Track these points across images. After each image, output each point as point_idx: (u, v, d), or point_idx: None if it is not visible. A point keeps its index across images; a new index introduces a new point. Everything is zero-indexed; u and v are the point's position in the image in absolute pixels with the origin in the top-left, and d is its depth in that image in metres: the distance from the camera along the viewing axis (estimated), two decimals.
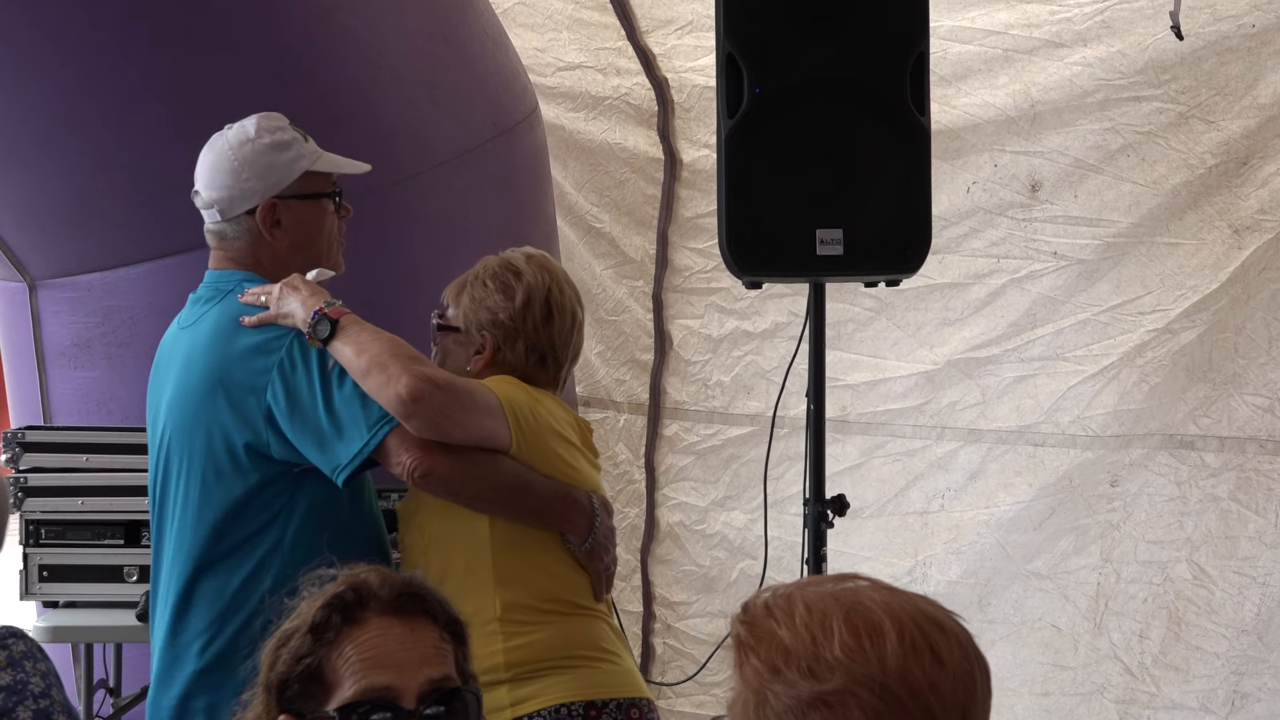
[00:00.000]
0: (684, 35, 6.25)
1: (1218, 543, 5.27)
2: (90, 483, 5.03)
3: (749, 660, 1.87)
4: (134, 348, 5.37)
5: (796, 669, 1.82)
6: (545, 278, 3.74)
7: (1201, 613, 5.29)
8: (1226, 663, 5.26)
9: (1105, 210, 5.49)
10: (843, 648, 1.82)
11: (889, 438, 5.96)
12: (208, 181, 3.78)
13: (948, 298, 5.81)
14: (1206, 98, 5.30)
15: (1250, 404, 5.18)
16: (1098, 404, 5.50)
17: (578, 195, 6.63)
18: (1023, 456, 5.67)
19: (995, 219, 5.70)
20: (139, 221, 5.30)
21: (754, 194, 4.50)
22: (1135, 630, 5.40)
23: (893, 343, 5.95)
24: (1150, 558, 5.38)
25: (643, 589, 6.68)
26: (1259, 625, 5.20)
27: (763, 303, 6.21)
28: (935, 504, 5.86)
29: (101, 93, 5.09)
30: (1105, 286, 5.50)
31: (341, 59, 5.36)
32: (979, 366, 5.75)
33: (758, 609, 1.89)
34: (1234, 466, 5.24)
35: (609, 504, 3.72)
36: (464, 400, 3.39)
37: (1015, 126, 5.63)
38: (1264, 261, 5.20)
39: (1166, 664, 5.35)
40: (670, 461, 6.62)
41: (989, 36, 5.64)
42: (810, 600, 1.87)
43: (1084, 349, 5.54)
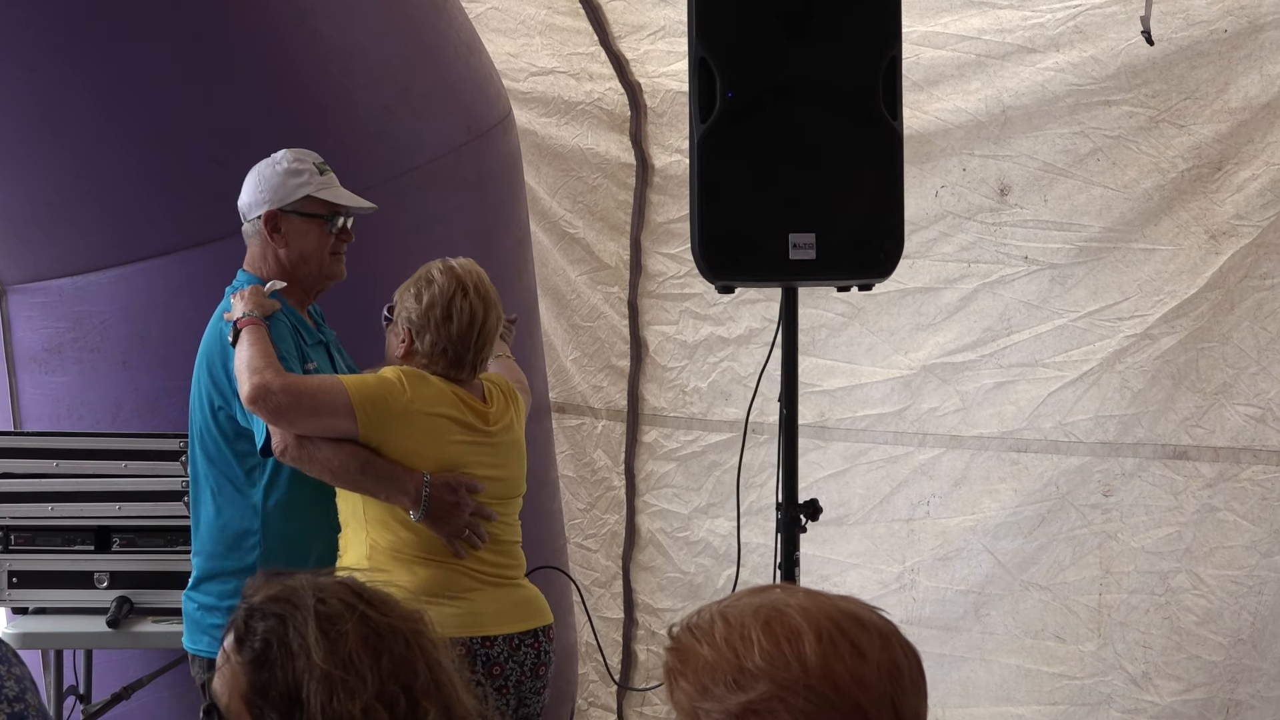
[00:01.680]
0: (657, 40, 6.25)
1: (1215, 553, 5.28)
2: (61, 488, 5.02)
3: (679, 684, 1.88)
4: (105, 353, 5.35)
5: (723, 684, 1.84)
6: (452, 285, 4.36)
7: (1201, 622, 5.30)
8: (1224, 671, 5.26)
9: (1075, 214, 5.49)
10: (763, 655, 1.84)
11: (871, 444, 5.96)
12: (243, 191, 4.61)
13: (919, 302, 5.80)
14: (1177, 102, 5.30)
15: (1242, 414, 5.19)
16: (1079, 410, 5.50)
17: (551, 201, 6.62)
18: (1006, 463, 5.67)
19: (965, 223, 5.70)
20: (110, 226, 5.29)
21: (726, 198, 4.49)
22: (1139, 641, 5.42)
23: (867, 348, 5.95)
24: (1150, 568, 5.39)
25: (624, 595, 6.67)
26: (1254, 634, 5.21)
27: (737, 308, 6.20)
28: (920, 510, 5.86)
29: (73, 98, 5.08)
30: (1082, 292, 5.50)
31: (315, 64, 5.36)
32: (957, 372, 5.75)
33: (682, 634, 1.91)
34: (1229, 477, 5.24)
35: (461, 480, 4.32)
36: (303, 402, 4.22)
37: (985, 131, 5.63)
38: (1244, 269, 5.21)
39: (1169, 674, 5.36)
40: (650, 468, 6.61)
41: (962, 42, 5.64)
42: (729, 615, 1.89)
43: (1063, 355, 5.53)
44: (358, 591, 2.43)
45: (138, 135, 5.16)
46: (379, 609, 2.41)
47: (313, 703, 2.33)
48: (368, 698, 2.33)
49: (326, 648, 2.35)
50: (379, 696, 2.34)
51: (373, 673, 2.34)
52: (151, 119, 5.15)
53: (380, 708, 2.33)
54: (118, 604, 4.92)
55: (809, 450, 5.94)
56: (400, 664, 2.37)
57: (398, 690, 2.35)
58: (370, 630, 2.38)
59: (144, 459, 5.06)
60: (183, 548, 4.98)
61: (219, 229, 5.25)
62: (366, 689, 2.34)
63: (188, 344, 5.24)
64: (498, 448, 4.42)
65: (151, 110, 5.14)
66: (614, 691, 6.64)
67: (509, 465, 4.47)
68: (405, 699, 2.35)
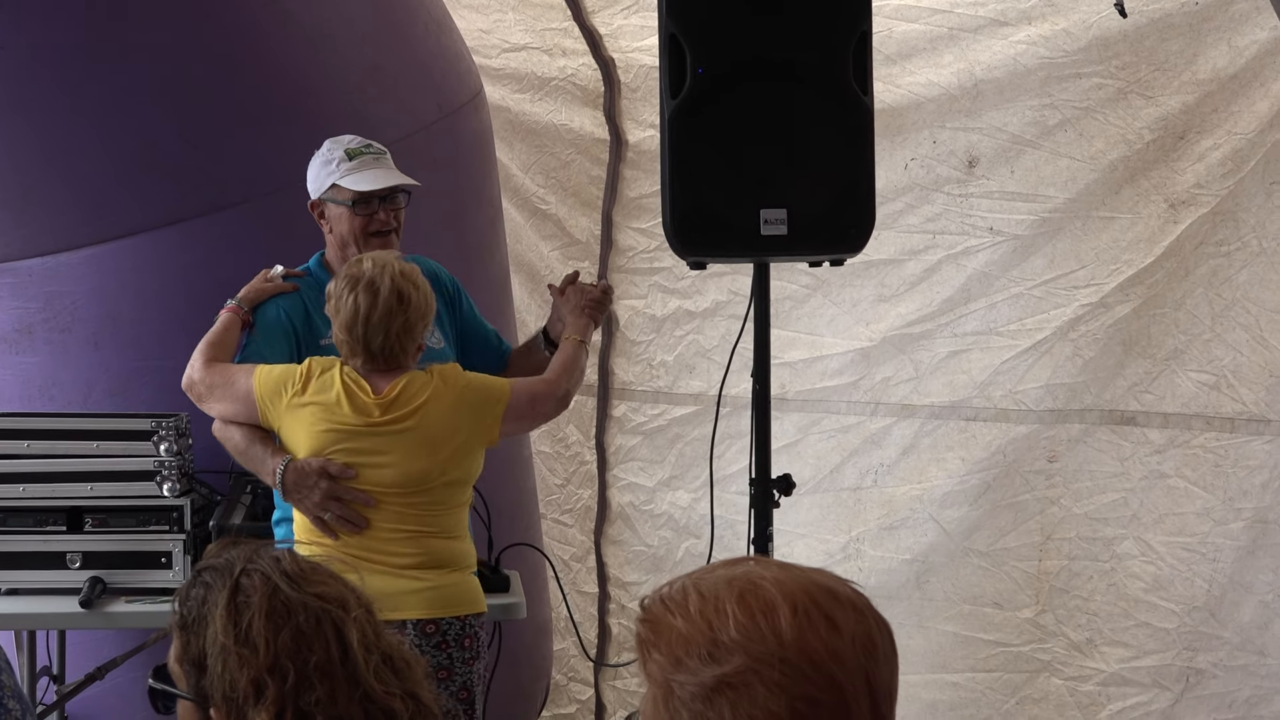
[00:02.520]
0: (630, 15, 6.24)
1: (1165, 519, 5.27)
2: (32, 469, 5.00)
3: (651, 656, 1.87)
4: (76, 333, 5.34)
5: (697, 656, 1.83)
6: (345, 279, 4.43)
7: (1149, 589, 5.29)
8: (1178, 639, 5.26)
9: (1042, 186, 5.49)
10: (738, 628, 1.83)
11: (824, 414, 5.95)
12: None
13: (883, 274, 5.80)
14: (1146, 73, 5.30)
15: (1194, 380, 5.19)
16: (1030, 378, 5.50)
17: (524, 177, 6.61)
18: (955, 431, 5.67)
19: (931, 195, 5.70)
20: (80, 207, 5.27)
21: (698, 174, 4.49)
22: (1080, 607, 5.42)
23: (829, 320, 5.95)
24: (1094, 534, 5.38)
25: (597, 570, 6.68)
26: (1211, 602, 5.20)
27: (704, 281, 6.20)
28: (868, 480, 5.86)
29: (42, 76, 5.06)
30: (1039, 261, 5.50)
31: (284, 42, 5.34)
32: (912, 342, 5.75)
33: (655, 605, 1.90)
34: (1180, 443, 5.23)
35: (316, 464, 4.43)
36: (216, 390, 4.54)
37: (957, 104, 5.63)
38: (1200, 236, 5.21)
39: (1116, 641, 5.36)
40: (620, 442, 6.62)
41: (934, 15, 5.63)
42: (703, 587, 1.88)
43: (1017, 323, 5.53)
44: (285, 566, 2.48)
45: (107, 115, 5.14)
46: (297, 585, 2.45)
47: (212, 669, 2.41)
48: (258, 670, 2.38)
49: (229, 618, 2.42)
50: (270, 670, 2.38)
51: (268, 646, 2.39)
52: (121, 99, 5.13)
53: (270, 681, 2.38)
54: (90, 584, 4.91)
55: None
56: (301, 640, 2.40)
57: (290, 665, 2.39)
58: (277, 605, 2.42)
59: (116, 439, 5.03)
60: (155, 528, 4.97)
61: (189, 209, 5.24)
62: (258, 661, 2.39)
63: (158, 324, 5.25)
64: (384, 437, 4.44)
65: (121, 90, 5.12)
66: (591, 666, 6.66)
67: (401, 455, 4.46)
68: (295, 674, 2.38)
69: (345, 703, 2.41)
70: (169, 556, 4.95)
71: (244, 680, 2.38)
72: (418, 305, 4.43)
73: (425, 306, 4.45)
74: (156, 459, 4.95)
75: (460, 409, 4.49)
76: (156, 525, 4.99)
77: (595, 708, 6.72)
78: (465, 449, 4.51)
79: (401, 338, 4.42)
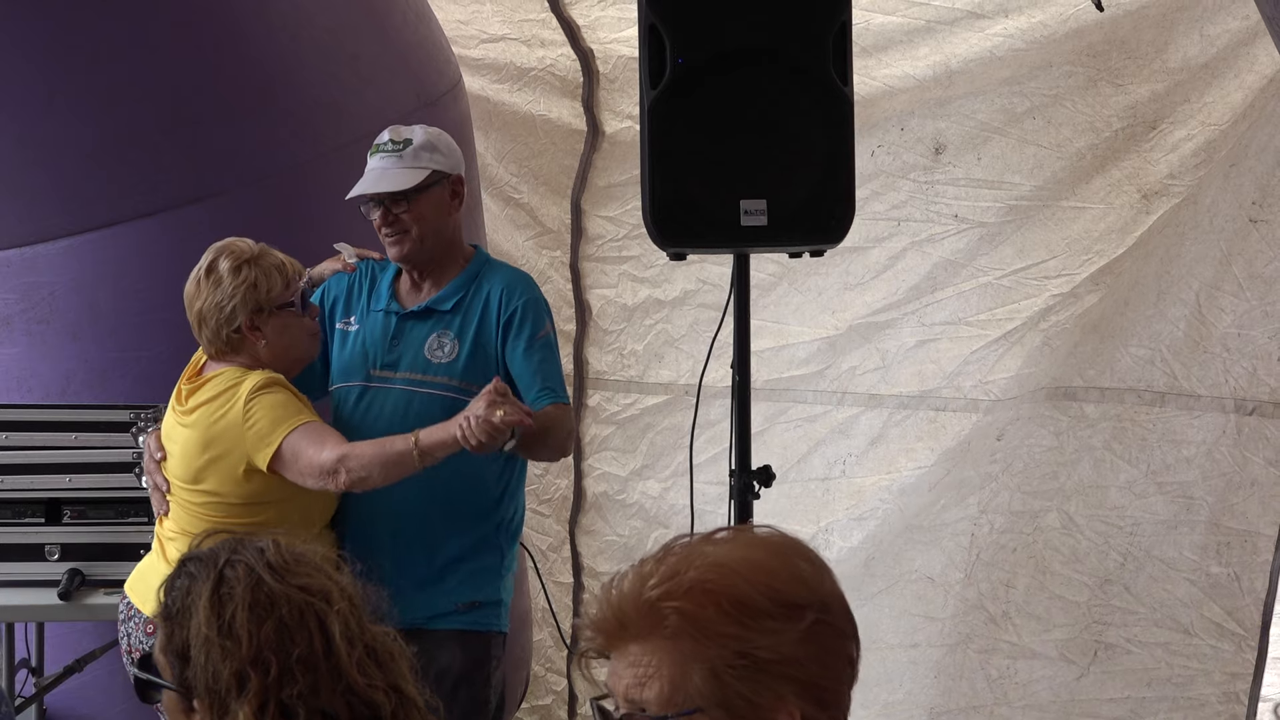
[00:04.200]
0: (608, 6, 6.23)
1: (1088, 492, 5.20)
2: (10, 461, 4.99)
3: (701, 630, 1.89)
4: (54, 324, 5.32)
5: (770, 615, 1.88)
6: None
7: (1066, 561, 5.22)
8: (1088, 612, 5.20)
9: (1007, 173, 5.48)
10: (797, 583, 1.91)
11: (791, 404, 5.94)
12: None
13: (849, 261, 5.78)
14: (1117, 61, 5.30)
15: (1133, 355, 5.12)
16: (1000, 368, 5.49)
17: (498, 166, 6.61)
18: (924, 421, 5.65)
19: (897, 182, 5.69)
20: (58, 196, 5.26)
21: (677, 165, 4.49)
22: (1002, 580, 5.35)
23: (795, 308, 5.93)
24: (1023, 508, 5.31)
25: (572, 560, 6.69)
26: (1125, 575, 5.15)
27: (672, 270, 6.19)
28: (836, 470, 5.85)
29: (19, 65, 5.04)
30: (1008, 250, 5.49)
31: (263, 32, 5.33)
32: (879, 331, 5.73)
33: (681, 582, 1.91)
34: (1111, 417, 5.18)
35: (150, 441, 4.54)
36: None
37: (929, 93, 5.63)
38: (1165, 220, 5.21)
39: (1029, 613, 5.28)
40: (594, 432, 6.63)
41: (911, 7, 5.63)
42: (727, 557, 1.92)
43: (987, 313, 5.52)
44: (269, 558, 2.50)
45: (84, 104, 5.13)
46: (281, 577, 2.48)
47: (195, 660, 2.44)
48: (241, 662, 2.40)
49: (212, 610, 2.44)
50: (253, 662, 2.41)
51: (250, 638, 2.41)
52: (98, 87, 5.11)
53: (253, 673, 2.40)
54: (69, 576, 4.90)
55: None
56: (284, 633, 2.43)
57: (272, 657, 2.41)
58: (261, 597, 2.45)
59: (94, 430, 5.03)
60: (134, 519, 4.97)
61: (168, 198, 5.23)
62: (241, 653, 2.41)
63: (137, 315, 5.23)
64: (175, 426, 4.45)
65: (98, 78, 5.10)
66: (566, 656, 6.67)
67: (178, 448, 4.44)
68: (277, 666, 2.40)
69: (328, 695, 2.42)
70: (148, 548, 4.94)
71: (227, 672, 2.40)
72: (207, 298, 4.39)
73: (216, 301, 4.39)
74: (135, 450, 4.93)
75: (228, 426, 4.37)
76: (135, 517, 4.99)
77: (568, 699, 6.73)
78: (222, 466, 4.39)
79: (198, 325, 4.43)
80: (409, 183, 4.54)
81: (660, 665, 1.91)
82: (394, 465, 4.29)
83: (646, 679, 1.91)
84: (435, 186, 4.57)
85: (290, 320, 4.49)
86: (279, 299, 4.45)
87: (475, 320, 4.57)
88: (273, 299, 4.44)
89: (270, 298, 4.43)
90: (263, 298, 4.42)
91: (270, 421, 4.33)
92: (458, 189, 4.63)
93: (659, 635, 1.91)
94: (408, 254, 4.57)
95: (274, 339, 4.46)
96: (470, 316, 4.58)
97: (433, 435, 4.26)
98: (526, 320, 4.56)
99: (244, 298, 4.40)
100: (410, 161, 4.57)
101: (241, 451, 4.34)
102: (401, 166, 4.56)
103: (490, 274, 4.64)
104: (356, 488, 4.32)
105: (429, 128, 4.68)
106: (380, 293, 4.65)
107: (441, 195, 4.59)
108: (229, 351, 4.44)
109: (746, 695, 1.88)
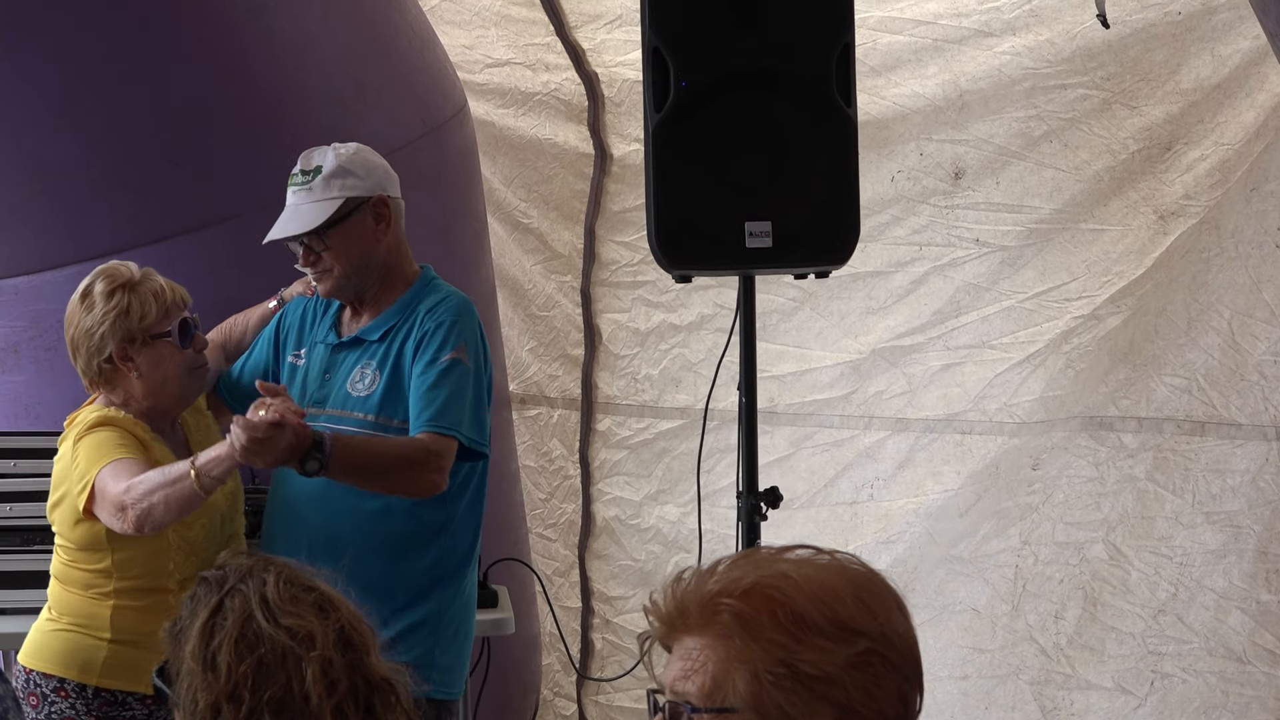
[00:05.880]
0: (614, 29, 6.25)
1: (1134, 523, 5.27)
2: (18, 488, 4.98)
3: (753, 633, 1.90)
4: (62, 352, 5.27)
5: (821, 634, 1.89)
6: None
7: (1117, 593, 5.28)
8: (1143, 643, 5.25)
9: (1027, 196, 5.52)
10: (857, 608, 1.92)
11: (817, 428, 5.97)
12: None
13: (871, 286, 5.82)
14: (1130, 84, 5.34)
15: (1168, 385, 5.19)
16: (1024, 391, 5.52)
17: (506, 191, 6.61)
18: (950, 445, 5.68)
19: (917, 206, 5.72)
20: (65, 224, 5.26)
21: (682, 187, 4.49)
22: (1051, 611, 5.40)
23: (817, 332, 5.96)
24: (1067, 539, 5.38)
25: (581, 584, 6.67)
26: (1178, 606, 5.20)
27: (688, 295, 6.21)
28: (864, 494, 5.87)
29: (27, 93, 5.05)
30: (1030, 273, 5.53)
31: (268, 58, 5.34)
32: (904, 355, 5.77)
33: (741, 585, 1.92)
34: (1151, 447, 5.24)
35: None
36: None
37: (943, 116, 5.65)
38: (1186, 245, 5.23)
39: (1081, 644, 5.35)
40: (604, 456, 6.62)
41: (918, 27, 5.65)
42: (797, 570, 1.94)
43: (1010, 336, 5.55)
44: (267, 593, 2.53)
45: (91, 132, 5.14)
46: (272, 616, 2.51)
47: (179, 684, 2.50)
48: (218, 695, 2.44)
49: (201, 639, 2.49)
50: (229, 697, 2.45)
51: (229, 674, 2.45)
52: (105, 115, 5.12)
53: (226, 706, 2.44)
54: None
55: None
56: (261, 673, 2.46)
57: (246, 695, 2.44)
58: (248, 633, 2.49)
59: None
60: None
61: (175, 226, 5.23)
62: (219, 686, 2.45)
63: None
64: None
65: (105, 106, 5.11)
66: (575, 681, 6.65)
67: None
68: (249, 705, 2.44)
69: None
70: None
71: (203, 703, 2.45)
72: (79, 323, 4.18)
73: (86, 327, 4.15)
74: None
75: (64, 469, 4.18)
76: None
77: None
78: (64, 509, 4.19)
79: (72, 353, 4.21)
80: (319, 218, 4.18)
81: (708, 660, 1.92)
82: (175, 492, 3.91)
83: (692, 672, 1.93)
84: (353, 215, 4.21)
85: (166, 352, 4.19)
86: (153, 328, 4.16)
87: (398, 349, 4.21)
88: (145, 327, 4.15)
89: (143, 326, 4.15)
90: (134, 325, 4.14)
91: (88, 461, 4.06)
92: (381, 211, 4.24)
93: (713, 631, 1.93)
94: (334, 290, 4.26)
95: (147, 371, 4.17)
96: (394, 345, 4.22)
97: (209, 453, 3.92)
98: (434, 340, 4.16)
99: (113, 324, 4.13)
100: (320, 193, 4.21)
101: (71, 495, 4.12)
102: (311, 200, 4.21)
103: (426, 297, 4.26)
104: (147, 525, 3.93)
105: (343, 147, 4.30)
106: (326, 322, 4.37)
107: (362, 223, 4.22)
108: (102, 384, 4.19)
109: (782, 705, 1.88)
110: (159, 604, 4.07)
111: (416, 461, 4.05)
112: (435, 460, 4.05)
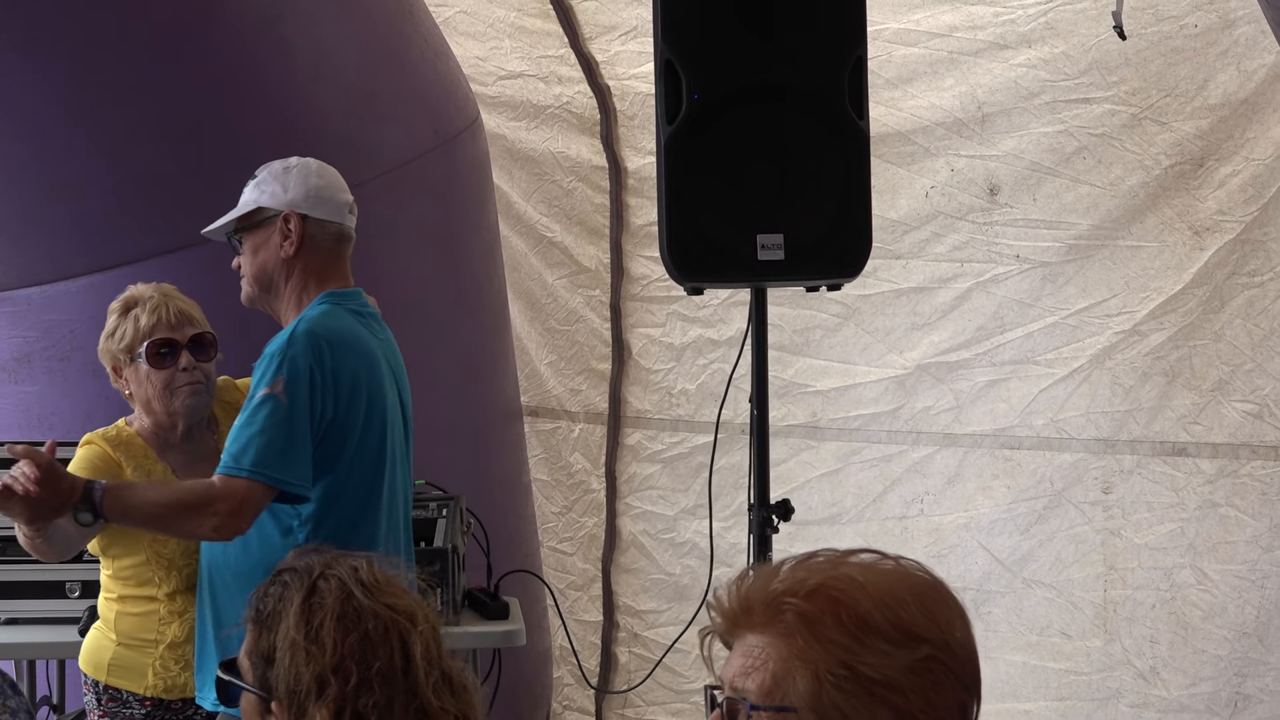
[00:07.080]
0: (628, 41, 6.24)
1: (1218, 548, 5.34)
2: None
3: (815, 633, 1.89)
4: (75, 361, 5.34)
5: (883, 638, 1.88)
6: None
7: (1206, 616, 5.36)
8: (1229, 665, 5.32)
9: (1064, 212, 5.54)
10: (922, 614, 1.90)
11: (864, 443, 5.99)
12: None
13: (914, 302, 5.84)
14: (1157, 99, 5.34)
15: (1239, 410, 5.26)
16: (1070, 406, 5.55)
17: (526, 205, 6.60)
18: (999, 460, 5.71)
19: (956, 223, 5.73)
20: (79, 234, 5.29)
21: (694, 200, 4.49)
22: (1146, 636, 5.47)
23: (862, 348, 5.97)
24: (1154, 564, 5.44)
25: (603, 598, 6.65)
26: (1259, 628, 5.26)
27: (727, 310, 6.21)
28: (914, 509, 5.89)
29: (42, 106, 5.07)
30: (1071, 290, 5.55)
31: (282, 70, 5.35)
32: (950, 371, 5.79)
33: (808, 584, 1.92)
34: (1228, 473, 5.31)
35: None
36: None
37: (966, 129, 5.65)
38: (1230, 265, 5.27)
39: (1175, 668, 5.42)
40: (633, 470, 6.60)
41: (934, 39, 5.65)
42: (865, 575, 1.94)
43: (1054, 352, 5.58)
44: (362, 575, 2.56)
45: (106, 143, 5.15)
46: (372, 594, 2.54)
47: (280, 662, 2.50)
48: (324, 667, 2.47)
49: (302, 617, 2.51)
50: (335, 669, 2.47)
51: (335, 646, 2.47)
52: (119, 126, 5.14)
53: (333, 679, 2.46)
54: (89, 613, 4.89)
55: (802, 450, 5.98)
56: (368, 645, 2.49)
57: (354, 667, 2.47)
58: (350, 609, 2.51)
59: None
60: None
61: (188, 236, 5.20)
62: (325, 659, 2.47)
63: None
64: None
65: (120, 118, 5.13)
66: (590, 695, 6.63)
67: None
68: (357, 676, 2.46)
69: (401, 712, 2.49)
70: None
71: (309, 675, 2.47)
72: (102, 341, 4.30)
73: (100, 345, 4.27)
74: None
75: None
76: None
77: None
78: None
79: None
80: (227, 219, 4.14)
81: (769, 659, 1.91)
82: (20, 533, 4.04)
83: (753, 669, 1.92)
84: (263, 225, 4.06)
85: (144, 373, 4.22)
86: (130, 349, 4.21)
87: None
88: (125, 349, 4.21)
89: (121, 347, 4.22)
90: (115, 347, 4.23)
91: None
92: (287, 229, 4.03)
93: (775, 630, 1.92)
94: (247, 299, 4.14)
95: (135, 390, 4.25)
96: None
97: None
98: (256, 374, 3.92)
99: (103, 345, 4.26)
100: (242, 197, 4.13)
101: None
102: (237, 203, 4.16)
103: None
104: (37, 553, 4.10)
105: (295, 160, 4.15)
106: None
107: (268, 236, 4.06)
108: (126, 397, 4.30)
109: (841, 708, 1.87)
110: (151, 613, 4.23)
111: (193, 506, 3.85)
112: (219, 504, 3.82)
